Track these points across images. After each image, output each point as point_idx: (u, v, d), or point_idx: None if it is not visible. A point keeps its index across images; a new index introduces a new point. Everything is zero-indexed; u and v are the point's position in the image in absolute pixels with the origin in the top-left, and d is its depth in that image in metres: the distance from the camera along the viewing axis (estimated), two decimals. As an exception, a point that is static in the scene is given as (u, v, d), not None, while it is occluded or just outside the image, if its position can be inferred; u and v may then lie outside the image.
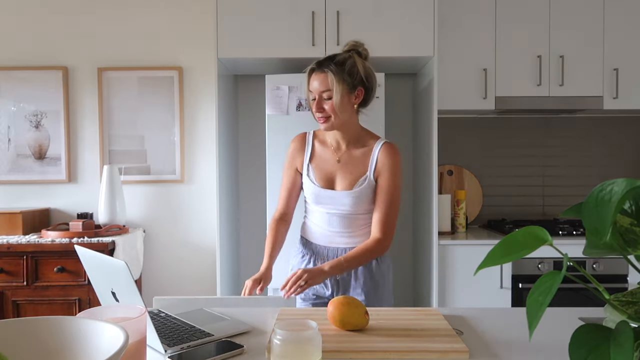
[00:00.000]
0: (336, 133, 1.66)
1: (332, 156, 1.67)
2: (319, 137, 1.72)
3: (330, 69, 1.56)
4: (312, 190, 1.66)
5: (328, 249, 1.67)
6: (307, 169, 1.68)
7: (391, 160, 1.62)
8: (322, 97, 1.57)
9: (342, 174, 1.65)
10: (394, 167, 1.62)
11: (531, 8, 2.73)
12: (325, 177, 1.66)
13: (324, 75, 1.56)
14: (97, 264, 1.05)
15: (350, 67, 1.57)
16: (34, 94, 2.97)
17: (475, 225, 3.10)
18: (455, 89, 2.75)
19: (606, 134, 3.11)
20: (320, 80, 1.57)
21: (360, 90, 1.61)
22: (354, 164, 1.65)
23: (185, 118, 3.01)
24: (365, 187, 1.62)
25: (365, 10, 2.53)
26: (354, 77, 1.58)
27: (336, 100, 1.55)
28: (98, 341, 0.64)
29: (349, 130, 1.65)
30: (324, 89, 1.56)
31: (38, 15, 2.98)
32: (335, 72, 1.55)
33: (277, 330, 0.85)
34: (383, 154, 1.63)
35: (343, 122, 1.61)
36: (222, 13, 2.52)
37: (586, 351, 0.53)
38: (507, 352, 1.04)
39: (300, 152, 1.71)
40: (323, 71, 1.57)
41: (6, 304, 2.51)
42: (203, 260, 3.02)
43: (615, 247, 0.59)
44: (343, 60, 1.58)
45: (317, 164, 1.68)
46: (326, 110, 1.57)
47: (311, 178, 1.67)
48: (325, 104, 1.57)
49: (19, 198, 3.01)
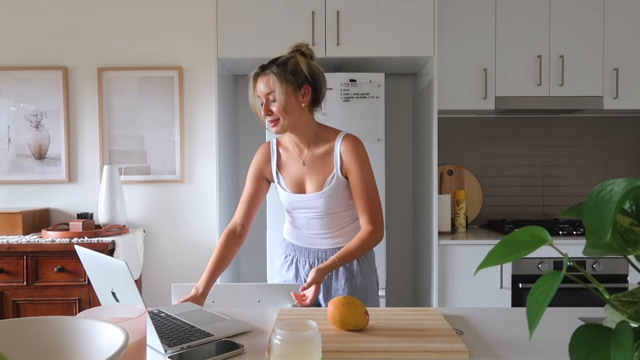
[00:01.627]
0: (293, 136, 1.64)
1: (296, 161, 1.66)
2: (282, 144, 1.71)
3: (272, 70, 1.54)
4: (285, 196, 1.66)
5: (309, 250, 1.67)
6: (277, 177, 1.68)
7: (354, 152, 1.60)
8: (269, 99, 1.56)
9: (310, 177, 1.64)
10: (359, 158, 1.60)
11: (531, 8, 2.73)
12: (295, 182, 1.65)
13: (267, 78, 1.55)
14: (97, 264, 1.05)
15: (292, 67, 1.56)
16: (34, 94, 2.97)
17: (475, 225, 3.10)
18: (455, 89, 2.75)
19: (606, 134, 3.11)
20: (265, 83, 1.55)
21: (306, 89, 1.59)
22: (319, 164, 1.63)
23: (185, 118, 3.01)
24: (335, 185, 1.60)
25: (365, 10, 2.53)
26: (297, 75, 1.56)
27: (281, 100, 1.53)
28: (98, 341, 0.64)
29: (304, 130, 1.63)
30: (268, 90, 1.54)
31: (38, 15, 2.98)
32: (277, 73, 1.54)
33: (277, 330, 0.85)
34: (345, 149, 1.61)
35: (294, 123, 1.58)
36: (222, 13, 2.52)
37: (586, 351, 0.53)
38: (507, 352, 1.04)
39: (267, 161, 1.70)
40: (266, 74, 1.55)
41: (6, 304, 2.51)
42: (203, 260, 3.02)
43: (615, 247, 0.59)
44: (285, 60, 1.57)
45: (285, 170, 1.67)
46: (274, 112, 1.55)
47: (282, 185, 1.67)
48: (272, 106, 1.55)
49: (19, 198, 3.01)
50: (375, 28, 2.54)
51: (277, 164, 1.69)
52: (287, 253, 1.73)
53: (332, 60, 2.61)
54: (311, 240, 1.67)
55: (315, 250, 1.66)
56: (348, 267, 1.64)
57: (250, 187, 1.70)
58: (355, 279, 1.65)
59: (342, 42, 2.53)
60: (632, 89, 2.75)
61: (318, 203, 1.62)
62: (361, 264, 1.66)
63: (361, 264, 1.66)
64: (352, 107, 2.52)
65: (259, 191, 1.70)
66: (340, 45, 2.53)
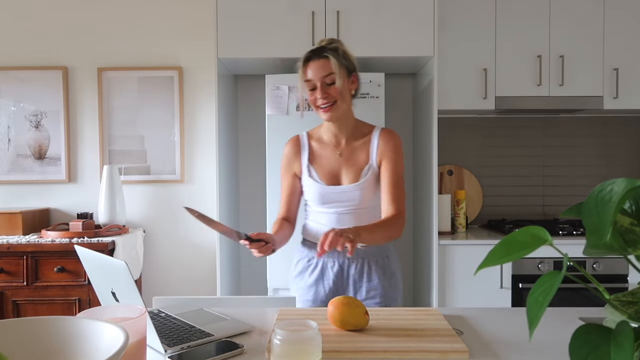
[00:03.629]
0: (333, 127, 1.63)
1: (332, 152, 1.63)
2: (315, 137, 1.68)
3: (330, 53, 1.54)
4: (317, 190, 1.61)
5: (337, 250, 1.58)
6: (308, 170, 1.64)
7: (392, 143, 1.61)
8: (325, 82, 1.54)
9: (346, 168, 1.61)
10: (396, 149, 1.61)
11: (531, 8, 2.73)
12: (329, 174, 1.62)
13: (324, 61, 1.54)
14: (97, 264, 1.05)
15: (343, 53, 1.58)
16: (34, 94, 2.97)
17: (475, 225, 3.10)
18: (455, 89, 2.75)
19: (606, 134, 3.11)
20: (321, 66, 1.54)
21: (354, 76, 1.61)
22: (356, 155, 1.62)
23: (185, 118, 3.01)
24: (370, 177, 1.59)
25: (365, 10, 2.53)
26: (348, 61, 1.58)
27: (340, 83, 1.53)
28: (98, 341, 0.64)
29: (347, 121, 1.63)
30: (326, 73, 1.53)
31: (38, 15, 2.98)
32: (335, 56, 1.54)
33: (277, 330, 0.85)
34: (383, 139, 1.61)
35: (345, 110, 1.59)
36: (222, 13, 2.52)
37: (586, 351, 0.53)
38: (507, 352, 1.04)
39: (296, 155, 1.66)
40: (322, 57, 1.55)
41: (6, 304, 2.51)
42: (203, 260, 3.02)
43: (615, 247, 0.59)
44: (335, 47, 1.58)
45: (318, 162, 1.64)
46: (331, 94, 1.54)
47: (314, 178, 1.62)
48: (329, 89, 1.54)
49: (19, 198, 3.01)
50: (375, 28, 2.54)
51: (308, 156, 1.65)
52: (311, 256, 1.65)
53: (332, 60, 2.61)
54: None
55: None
56: (379, 263, 1.61)
57: (286, 183, 1.69)
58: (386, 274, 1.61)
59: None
60: (632, 89, 2.75)
61: (354, 195, 1.58)
62: (392, 264, 1.63)
63: (392, 264, 1.63)
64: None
65: (295, 185, 1.68)
66: (340, 45, 2.53)
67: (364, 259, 1.61)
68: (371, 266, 1.60)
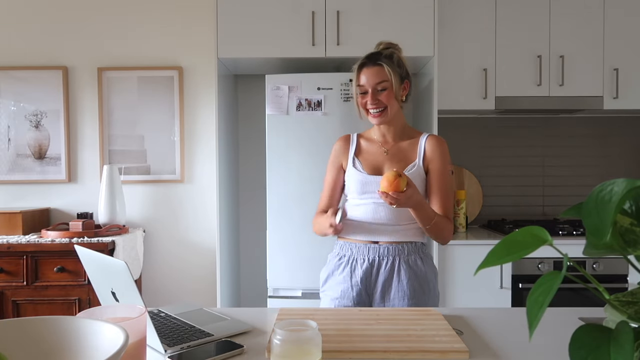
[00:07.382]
0: (383, 129, 1.68)
1: (379, 149, 1.68)
2: (364, 137, 1.74)
3: (384, 61, 1.60)
4: (358, 178, 1.63)
5: (369, 247, 1.59)
6: (353, 161, 1.68)
7: (440, 148, 1.64)
8: (376, 89, 1.60)
9: (390, 163, 1.65)
10: (443, 155, 1.64)
11: (531, 8, 2.73)
12: (373, 166, 1.65)
13: (378, 68, 1.60)
14: (97, 264, 1.05)
15: (398, 60, 1.63)
16: (34, 94, 2.97)
17: (475, 225, 3.10)
18: (455, 89, 2.75)
19: (606, 134, 3.11)
20: (375, 72, 1.59)
21: (406, 83, 1.66)
22: (402, 154, 1.66)
23: (185, 118, 3.01)
24: (415, 173, 1.60)
25: (365, 10, 2.53)
26: (402, 69, 1.64)
27: (391, 91, 1.59)
28: (98, 341, 0.64)
29: (397, 124, 1.68)
30: (379, 80, 1.59)
31: (38, 15, 2.98)
32: (389, 64, 1.59)
33: (277, 330, 0.85)
34: (430, 143, 1.65)
35: (394, 114, 1.63)
36: (222, 13, 2.52)
37: (586, 351, 0.53)
38: (507, 352, 1.04)
39: (345, 149, 1.72)
40: (377, 64, 1.60)
41: (6, 304, 2.51)
42: (203, 260, 3.02)
43: (615, 247, 0.59)
44: (390, 54, 1.62)
45: (363, 156, 1.69)
46: (381, 101, 1.60)
47: (357, 168, 1.66)
48: (379, 96, 1.60)
49: (19, 198, 3.01)
50: (375, 28, 2.54)
51: (355, 150, 1.70)
52: (342, 254, 1.65)
53: (332, 60, 2.61)
54: (373, 233, 1.60)
55: (376, 247, 1.59)
56: (412, 267, 1.59)
57: (330, 177, 1.73)
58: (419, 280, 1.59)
59: (342, 42, 2.53)
60: (632, 89, 2.75)
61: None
62: (425, 267, 1.61)
63: (425, 267, 1.61)
64: (352, 107, 2.52)
65: (339, 179, 1.72)
66: (340, 45, 2.53)
67: (395, 258, 1.59)
68: (401, 267, 1.59)
